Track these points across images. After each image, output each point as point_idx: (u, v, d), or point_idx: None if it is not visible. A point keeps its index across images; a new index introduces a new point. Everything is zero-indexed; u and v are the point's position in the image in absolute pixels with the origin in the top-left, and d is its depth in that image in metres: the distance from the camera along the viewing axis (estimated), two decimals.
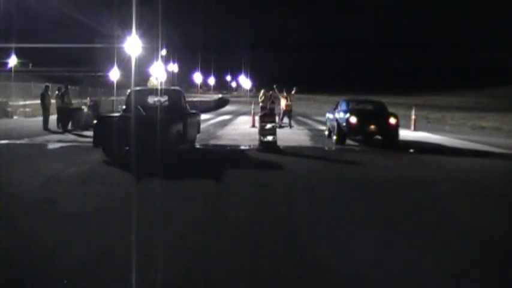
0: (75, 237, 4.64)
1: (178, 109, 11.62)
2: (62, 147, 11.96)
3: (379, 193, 7.20)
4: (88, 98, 25.72)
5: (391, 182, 8.20)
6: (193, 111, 14.06)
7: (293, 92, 21.29)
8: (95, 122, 10.77)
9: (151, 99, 12.04)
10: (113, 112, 20.55)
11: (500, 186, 8.38)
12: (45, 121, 16.91)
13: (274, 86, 20.79)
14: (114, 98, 34.38)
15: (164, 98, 12.08)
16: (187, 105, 12.79)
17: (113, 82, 35.57)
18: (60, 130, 16.28)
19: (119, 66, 35.34)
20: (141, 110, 11.07)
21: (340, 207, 6.21)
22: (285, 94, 20.76)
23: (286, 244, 4.57)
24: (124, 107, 12.16)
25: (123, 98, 34.96)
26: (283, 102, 20.52)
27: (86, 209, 5.76)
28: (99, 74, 49.83)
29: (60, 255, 4.12)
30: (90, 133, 15.73)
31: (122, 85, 42.92)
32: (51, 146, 12.21)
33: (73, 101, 19.81)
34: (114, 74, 35.57)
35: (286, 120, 20.68)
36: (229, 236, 4.80)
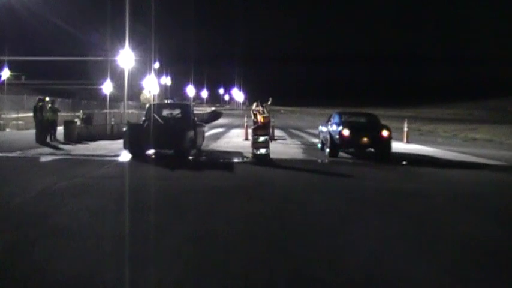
0: (67, 251, 4.59)
1: (189, 120, 13.82)
2: (54, 160, 11.91)
3: (372, 206, 7.21)
4: (81, 111, 25.69)
5: (384, 194, 8.21)
6: (200, 122, 16.40)
7: (269, 102, 21.13)
8: (124, 129, 13.34)
9: (166, 112, 14.39)
10: (106, 125, 21.76)
11: (492, 197, 8.42)
12: (38, 134, 16.82)
13: (252, 107, 20.43)
14: (107, 111, 34.37)
15: (177, 111, 14.52)
16: (195, 117, 15.05)
17: (105, 95, 35.55)
18: (53, 143, 16.19)
19: (112, 79, 35.35)
20: (160, 120, 13.05)
21: (332, 220, 6.21)
22: (259, 106, 20.23)
23: (277, 257, 4.55)
24: (144, 118, 13.94)
25: (116, 111, 35.04)
26: (259, 115, 19.80)
27: (78, 222, 5.71)
28: (92, 86, 49.79)
29: (51, 269, 4.07)
30: (83, 146, 15.79)
31: (115, 98, 42.90)
32: (43, 159, 12.17)
33: (65, 114, 19.80)
34: (107, 87, 35.57)
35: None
36: (220, 250, 4.77)
